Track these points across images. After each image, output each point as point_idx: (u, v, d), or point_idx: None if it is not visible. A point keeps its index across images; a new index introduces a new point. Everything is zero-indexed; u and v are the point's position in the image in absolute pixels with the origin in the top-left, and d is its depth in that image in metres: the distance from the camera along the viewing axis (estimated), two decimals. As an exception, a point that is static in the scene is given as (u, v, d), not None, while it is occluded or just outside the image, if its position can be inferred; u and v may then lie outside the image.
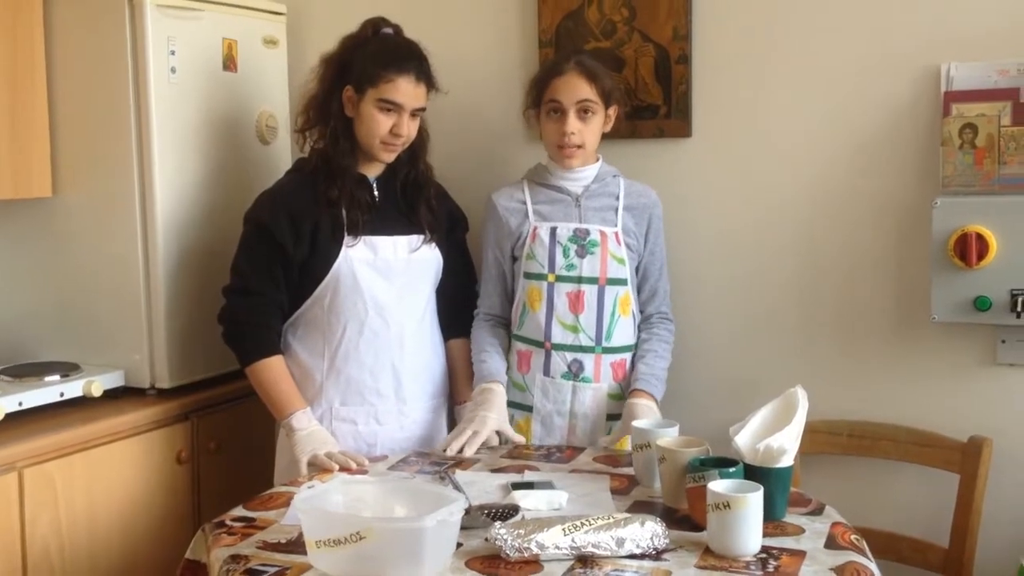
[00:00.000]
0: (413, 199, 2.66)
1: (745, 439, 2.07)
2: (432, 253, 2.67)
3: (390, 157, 2.60)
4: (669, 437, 2.19)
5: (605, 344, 2.59)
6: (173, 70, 2.77)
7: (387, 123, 2.53)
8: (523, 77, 2.86)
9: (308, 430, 2.49)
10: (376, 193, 2.63)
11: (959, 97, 2.53)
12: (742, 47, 2.78)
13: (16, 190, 2.75)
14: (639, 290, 2.67)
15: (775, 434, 2.04)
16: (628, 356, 2.63)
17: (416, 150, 2.66)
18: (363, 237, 2.56)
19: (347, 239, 2.55)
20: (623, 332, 2.61)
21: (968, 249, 2.47)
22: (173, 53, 2.77)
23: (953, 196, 2.53)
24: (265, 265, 2.56)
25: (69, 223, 2.84)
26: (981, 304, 2.49)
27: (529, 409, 2.63)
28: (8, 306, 2.94)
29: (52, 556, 2.48)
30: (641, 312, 2.67)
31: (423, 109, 2.58)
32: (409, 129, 2.55)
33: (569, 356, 2.59)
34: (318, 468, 2.42)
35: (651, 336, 2.65)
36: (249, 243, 2.60)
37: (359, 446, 2.57)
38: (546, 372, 2.61)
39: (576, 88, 2.55)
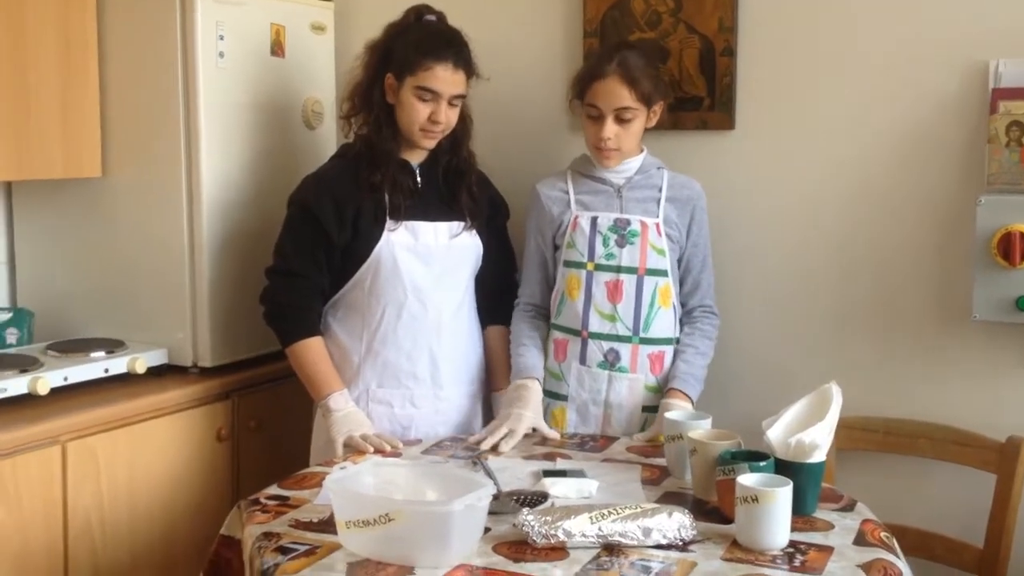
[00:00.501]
0: (454, 185, 2.67)
1: (777, 433, 2.07)
2: (472, 240, 2.69)
3: (430, 144, 2.61)
4: (701, 429, 2.19)
5: (643, 335, 2.59)
6: (221, 55, 2.81)
7: (425, 111, 2.54)
8: (567, 67, 2.87)
9: (344, 411, 2.53)
10: (419, 179, 2.65)
11: (1007, 94, 2.50)
12: (787, 40, 2.76)
13: (66, 170, 2.81)
14: (682, 282, 2.66)
15: (807, 429, 2.04)
16: (668, 349, 2.62)
17: (459, 136, 2.67)
18: (404, 222, 2.58)
19: (389, 223, 2.57)
20: (662, 324, 2.61)
21: (1012, 248, 2.45)
22: (222, 38, 2.80)
23: (998, 194, 2.50)
24: (308, 248, 2.59)
25: (117, 203, 2.89)
26: (1023, 304, 2.47)
27: (565, 398, 2.64)
28: (56, 283, 3.00)
29: (93, 528, 2.54)
30: (684, 305, 2.67)
31: (463, 96, 2.59)
32: (448, 117, 2.57)
33: (606, 345, 2.60)
34: (353, 449, 2.45)
35: (694, 331, 2.65)
36: (293, 225, 2.63)
37: (394, 428, 2.60)
38: (582, 361, 2.62)
39: (615, 95, 2.53)
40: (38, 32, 2.70)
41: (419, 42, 2.54)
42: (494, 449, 2.43)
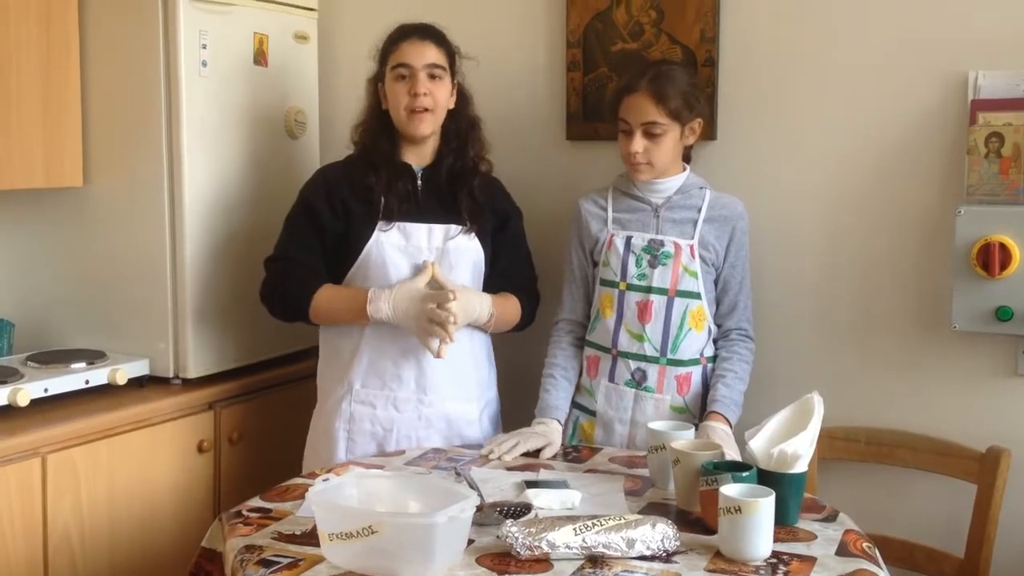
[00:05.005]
0: (456, 188, 2.66)
1: (759, 444, 2.07)
2: (471, 243, 2.64)
3: (423, 128, 2.58)
4: (684, 440, 2.19)
5: (670, 356, 2.58)
6: (204, 63, 2.80)
7: (404, 88, 2.56)
8: (550, 77, 2.87)
9: (391, 308, 2.51)
10: (419, 183, 2.64)
11: (986, 106, 2.52)
12: (769, 51, 2.78)
13: (48, 179, 2.79)
14: (718, 303, 2.64)
15: (790, 439, 2.04)
16: (695, 369, 2.60)
17: (464, 137, 2.67)
18: (397, 223, 2.58)
19: (381, 224, 2.57)
20: (692, 345, 2.59)
21: (991, 259, 2.46)
22: (205, 47, 2.80)
23: (977, 205, 2.52)
24: (304, 236, 2.61)
25: (98, 213, 2.88)
26: (1003, 314, 2.48)
27: (593, 414, 2.64)
28: (37, 293, 2.99)
29: (73, 541, 2.52)
30: (719, 326, 2.65)
31: (439, 67, 2.58)
32: (428, 88, 2.56)
33: (633, 364, 2.59)
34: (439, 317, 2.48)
35: (732, 355, 2.62)
36: (292, 215, 2.66)
37: (375, 430, 2.59)
38: (611, 378, 2.62)
39: (642, 110, 2.52)
40: (20, 40, 2.69)
41: (388, 38, 2.61)
42: (500, 459, 2.44)
